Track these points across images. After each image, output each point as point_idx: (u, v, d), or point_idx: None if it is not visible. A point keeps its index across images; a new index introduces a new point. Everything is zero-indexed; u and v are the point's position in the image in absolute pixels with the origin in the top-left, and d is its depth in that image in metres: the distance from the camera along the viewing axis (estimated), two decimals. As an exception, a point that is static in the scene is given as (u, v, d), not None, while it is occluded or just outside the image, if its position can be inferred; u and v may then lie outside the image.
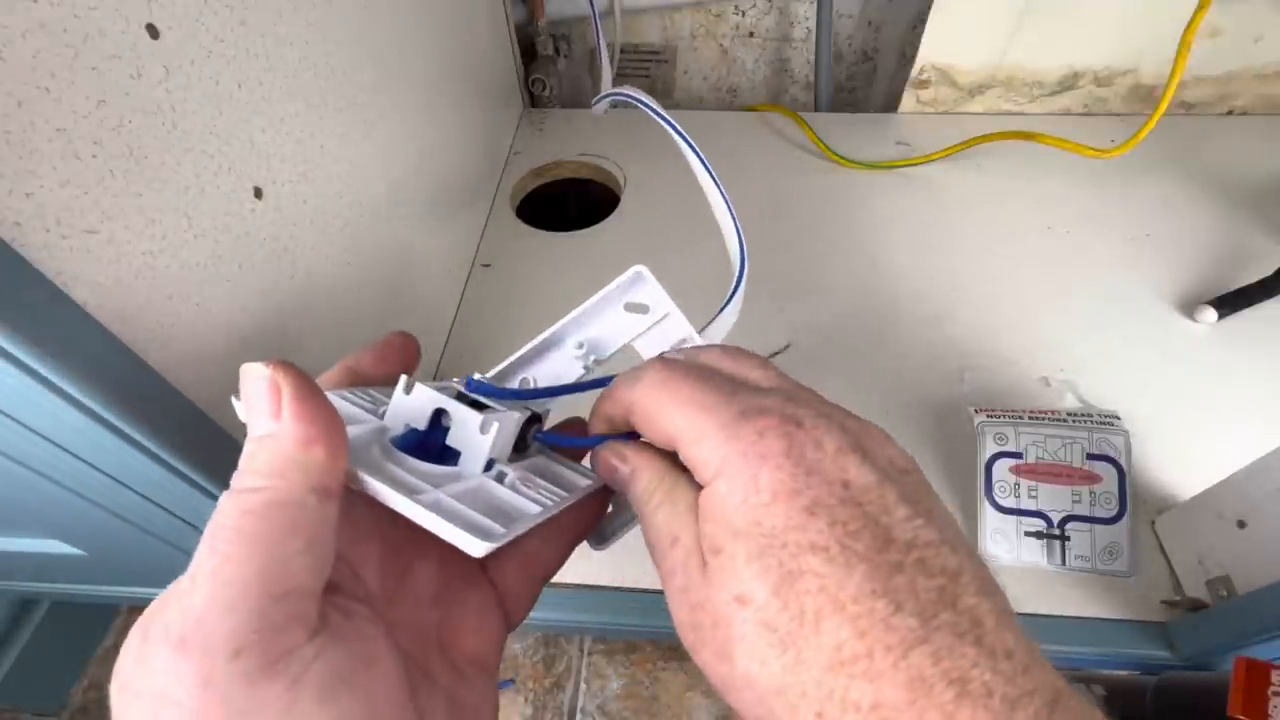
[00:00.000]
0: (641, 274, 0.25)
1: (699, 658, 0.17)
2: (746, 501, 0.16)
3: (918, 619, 0.14)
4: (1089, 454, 0.44)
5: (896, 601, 0.14)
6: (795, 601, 0.15)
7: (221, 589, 0.14)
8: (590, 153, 0.74)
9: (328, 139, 0.37)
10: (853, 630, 0.14)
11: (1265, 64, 0.68)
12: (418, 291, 0.53)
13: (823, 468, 0.16)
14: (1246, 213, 0.63)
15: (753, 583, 0.15)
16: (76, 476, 0.28)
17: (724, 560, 0.16)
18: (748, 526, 0.16)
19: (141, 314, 0.25)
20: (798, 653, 0.15)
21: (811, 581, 0.15)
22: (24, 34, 0.20)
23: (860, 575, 0.15)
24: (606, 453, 0.21)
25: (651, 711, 0.64)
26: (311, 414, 0.15)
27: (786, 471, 0.16)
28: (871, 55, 0.80)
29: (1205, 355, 0.53)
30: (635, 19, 0.79)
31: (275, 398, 0.15)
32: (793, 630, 0.15)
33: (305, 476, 0.15)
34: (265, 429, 0.15)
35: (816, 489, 0.16)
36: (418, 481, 0.18)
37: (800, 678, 0.15)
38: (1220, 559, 0.40)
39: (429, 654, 0.19)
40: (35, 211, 0.21)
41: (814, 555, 0.15)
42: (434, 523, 0.16)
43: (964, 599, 0.15)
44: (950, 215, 0.65)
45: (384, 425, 0.20)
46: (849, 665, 0.14)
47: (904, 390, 0.52)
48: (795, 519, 0.15)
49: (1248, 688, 0.33)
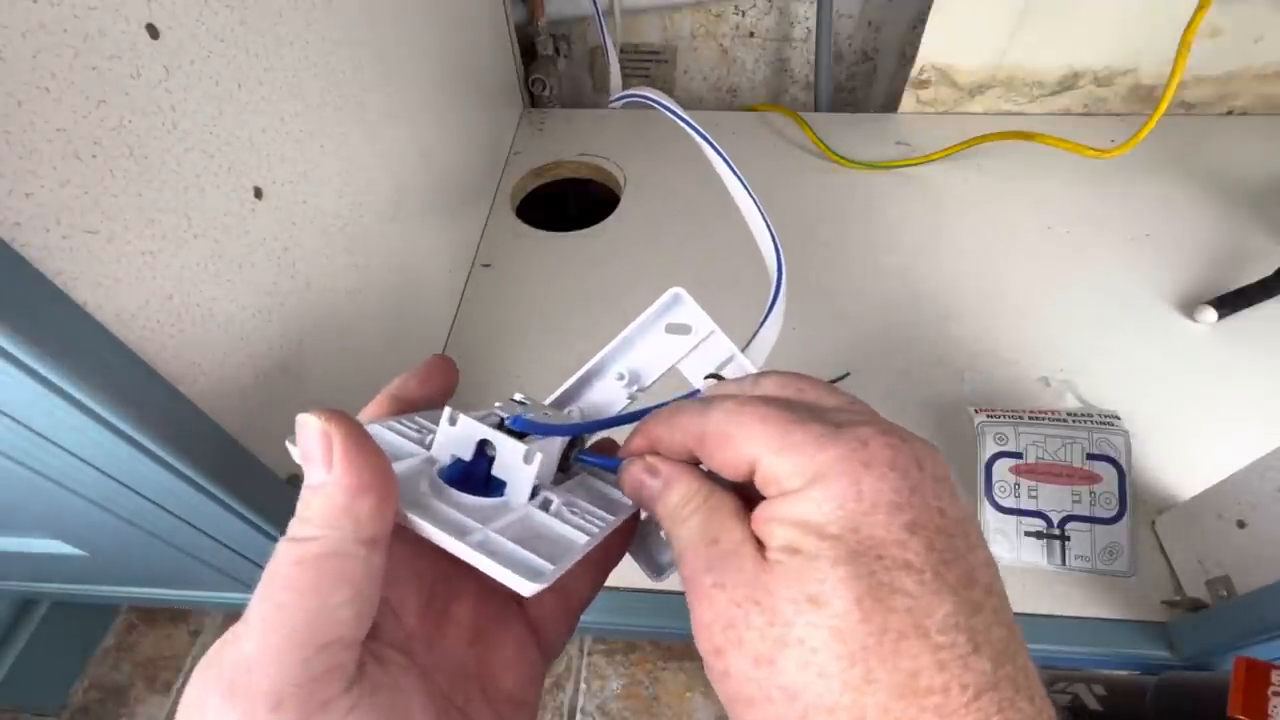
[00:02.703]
0: (680, 295, 0.24)
1: (724, 661, 0.16)
2: (844, 507, 0.15)
3: (991, 664, 0.14)
4: (1089, 454, 0.44)
5: (976, 642, 0.14)
6: (879, 617, 0.14)
7: (271, 636, 0.14)
8: (590, 153, 0.73)
9: (328, 139, 0.37)
10: (933, 660, 0.14)
11: (1265, 64, 0.68)
12: (417, 291, 0.53)
13: (924, 489, 0.15)
14: (1246, 213, 0.63)
15: (837, 586, 0.14)
16: (76, 477, 0.28)
17: (802, 560, 0.15)
18: (842, 532, 0.15)
19: (141, 314, 0.25)
20: (867, 671, 0.14)
21: (901, 600, 0.14)
22: (24, 34, 0.20)
23: (950, 606, 0.14)
24: (636, 468, 0.20)
25: (651, 711, 0.64)
26: (361, 463, 0.16)
27: (891, 483, 0.15)
28: (871, 55, 0.80)
29: (1205, 355, 0.53)
30: (635, 19, 0.79)
31: (327, 448, 0.16)
32: (869, 646, 0.14)
33: (355, 527, 0.16)
34: (318, 478, 0.16)
35: (918, 509, 0.15)
36: (465, 519, 0.18)
37: (863, 699, 0.14)
38: (1220, 559, 0.40)
39: (469, 696, 0.19)
40: (35, 211, 0.21)
41: (909, 575, 0.14)
42: (484, 563, 0.16)
43: (1020, 656, 0.15)
44: (950, 215, 0.65)
45: (431, 457, 0.20)
46: (923, 696, 0.14)
47: (904, 390, 0.52)
48: (896, 533, 0.15)
49: (1248, 688, 0.33)
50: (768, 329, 0.29)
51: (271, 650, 0.14)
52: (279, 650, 0.14)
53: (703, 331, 0.25)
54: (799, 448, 0.16)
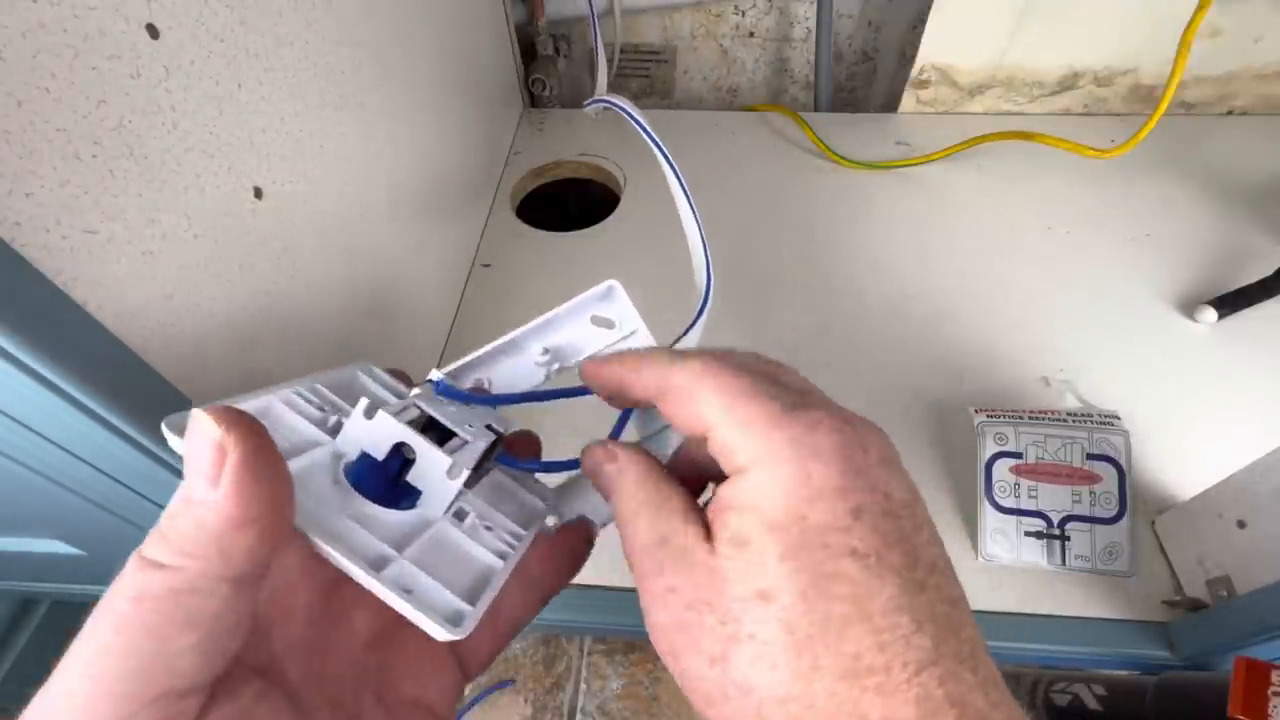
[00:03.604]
0: (614, 288, 0.24)
1: (680, 663, 0.16)
2: (791, 493, 0.15)
3: (932, 640, 0.14)
4: (1089, 454, 0.44)
5: (918, 620, 0.14)
6: (823, 605, 0.14)
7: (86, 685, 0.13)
8: (590, 153, 0.73)
9: (328, 139, 0.37)
10: (875, 642, 0.14)
11: (1265, 64, 0.68)
12: (417, 291, 0.53)
13: (869, 473, 0.16)
14: (1246, 213, 0.63)
15: (782, 581, 0.15)
16: (76, 476, 0.28)
17: (751, 554, 0.15)
18: (788, 520, 0.15)
19: (141, 314, 0.25)
20: (814, 659, 0.14)
21: (845, 587, 0.14)
22: (24, 34, 0.20)
23: (892, 589, 0.15)
24: (599, 449, 0.20)
25: (651, 711, 0.64)
26: (254, 492, 0.14)
27: (837, 468, 0.15)
28: (871, 55, 0.80)
29: (1205, 355, 0.53)
30: (635, 19, 0.79)
31: (218, 462, 0.13)
32: (814, 635, 0.14)
33: (224, 563, 0.13)
34: (197, 493, 0.14)
35: (863, 493, 0.15)
36: (377, 543, 0.17)
37: (811, 686, 0.14)
38: (1220, 559, 0.40)
39: (361, 697, 0.18)
40: (35, 211, 0.21)
41: (853, 561, 0.15)
42: (400, 605, 0.16)
43: (965, 628, 0.15)
44: (950, 215, 0.65)
45: (337, 449, 0.19)
46: (864, 677, 0.14)
47: (904, 390, 0.52)
48: (841, 519, 0.15)
49: (1248, 688, 0.33)
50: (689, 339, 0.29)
51: (83, 704, 0.12)
52: (92, 703, 0.12)
53: (627, 328, 0.25)
54: (753, 423, 0.16)
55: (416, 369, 0.25)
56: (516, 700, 0.66)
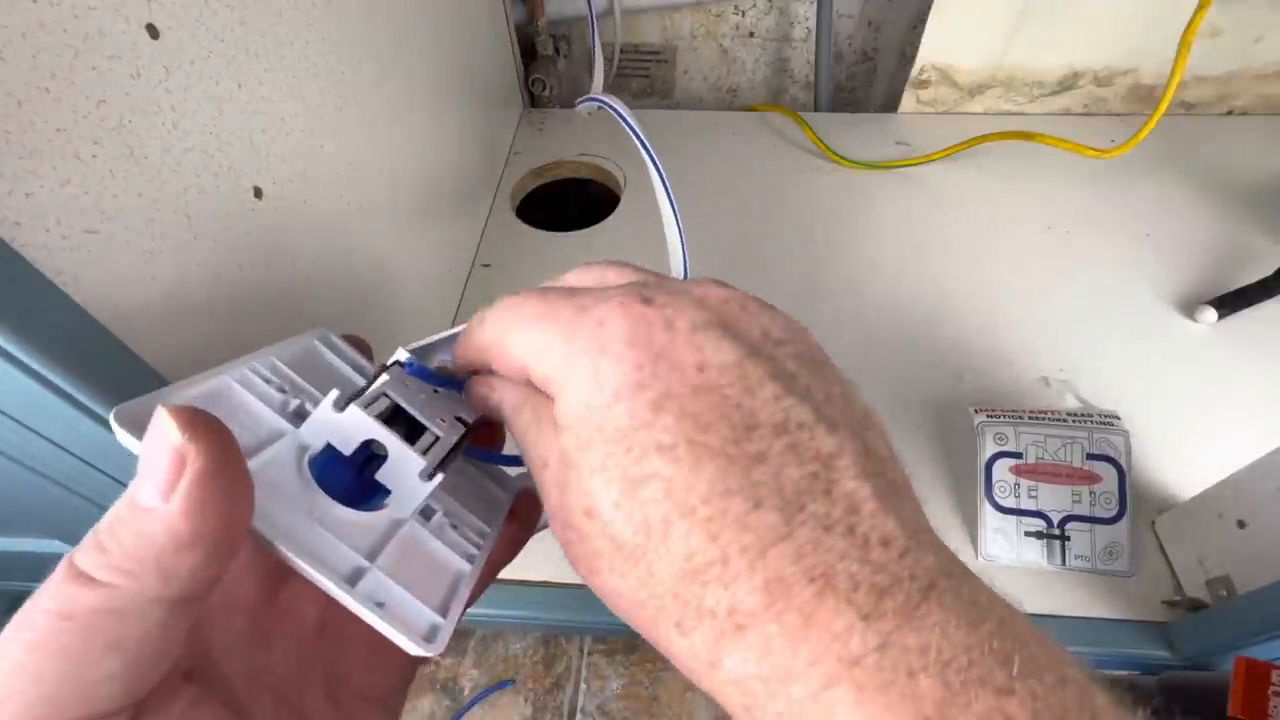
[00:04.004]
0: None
1: (578, 572, 0.15)
2: (589, 405, 0.14)
3: (779, 514, 0.13)
4: (1089, 454, 0.44)
5: (755, 498, 0.13)
6: (639, 512, 0.13)
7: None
8: (590, 153, 0.73)
9: (328, 139, 0.37)
10: (704, 535, 0.13)
11: (1265, 64, 0.68)
12: (417, 291, 0.53)
13: (673, 352, 0.14)
14: (1246, 213, 0.63)
15: (599, 496, 0.14)
16: (77, 477, 0.28)
17: (574, 474, 0.14)
18: (591, 434, 0.14)
19: (141, 314, 0.25)
20: (649, 567, 0.13)
21: (656, 488, 0.13)
22: (24, 34, 0.20)
23: (711, 473, 0.13)
24: (478, 383, 0.19)
25: (651, 711, 0.64)
26: (211, 508, 0.12)
27: (629, 362, 0.14)
28: (871, 55, 0.80)
29: (1205, 355, 0.53)
30: (635, 19, 0.79)
31: (174, 472, 0.12)
32: (640, 544, 0.13)
33: (163, 584, 0.12)
34: (146, 500, 0.12)
35: (664, 378, 0.14)
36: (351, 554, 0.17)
37: (655, 590, 0.13)
38: (1220, 559, 0.40)
39: (306, 691, 0.17)
40: (35, 211, 0.21)
41: (660, 457, 0.13)
42: (374, 620, 0.15)
43: (840, 485, 0.13)
44: (950, 215, 0.65)
45: (301, 441, 0.18)
46: (702, 573, 0.13)
47: (904, 390, 0.52)
48: (640, 417, 0.13)
49: (1248, 688, 0.33)
50: None
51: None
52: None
53: None
54: (550, 347, 0.15)
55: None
56: (516, 700, 0.65)
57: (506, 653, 0.67)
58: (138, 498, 0.12)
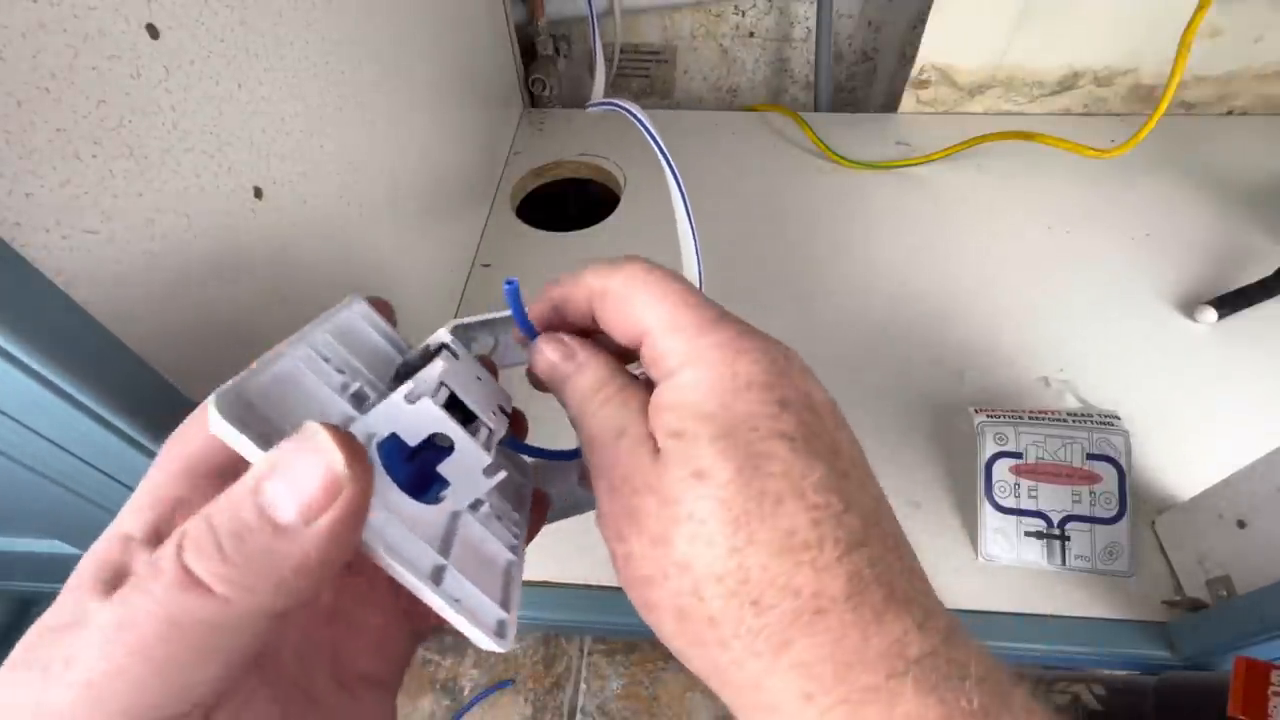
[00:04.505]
0: None
1: (626, 545, 0.16)
2: (718, 386, 0.16)
3: (861, 522, 0.15)
4: (1089, 454, 0.44)
5: (847, 502, 0.15)
6: (758, 482, 0.15)
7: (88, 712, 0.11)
8: (590, 153, 0.73)
9: (328, 139, 0.37)
10: (809, 519, 0.15)
11: (1265, 64, 0.68)
12: (418, 291, 0.53)
13: (792, 375, 0.17)
14: (1246, 213, 0.63)
15: (716, 459, 0.15)
16: (76, 477, 0.28)
17: (685, 442, 0.16)
18: (717, 409, 0.16)
19: (141, 314, 0.25)
20: (750, 534, 0.15)
21: (776, 465, 0.15)
22: (24, 34, 0.20)
23: (821, 469, 0.15)
24: (551, 344, 0.20)
25: (651, 711, 0.64)
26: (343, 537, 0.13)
27: (763, 366, 0.16)
28: (871, 55, 0.80)
29: (1205, 355, 0.53)
30: (635, 19, 0.79)
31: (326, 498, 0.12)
32: (749, 510, 0.15)
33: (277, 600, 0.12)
34: (285, 520, 0.12)
35: (787, 389, 0.16)
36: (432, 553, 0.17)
37: (745, 561, 0.15)
38: (1220, 559, 0.40)
39: (314, 674, 0.17)
40: (35, 211, 0.21)
41: (782, 442, 0.15)
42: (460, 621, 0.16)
43: (886, 521, 0.16)
44: (950, 215, 0.65)
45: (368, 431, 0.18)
46: (798, 552, 0.14)
47: (904, 390, 0.52)
48: (769, 407, 0.16)
49: (1248, 688, 0.33)
50: None
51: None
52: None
53: None
54: (684, 329, 0.17)
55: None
56: (516, 700, 0.65)
57: (507, 652, 0.67)
58: (275, 514, 0.12)
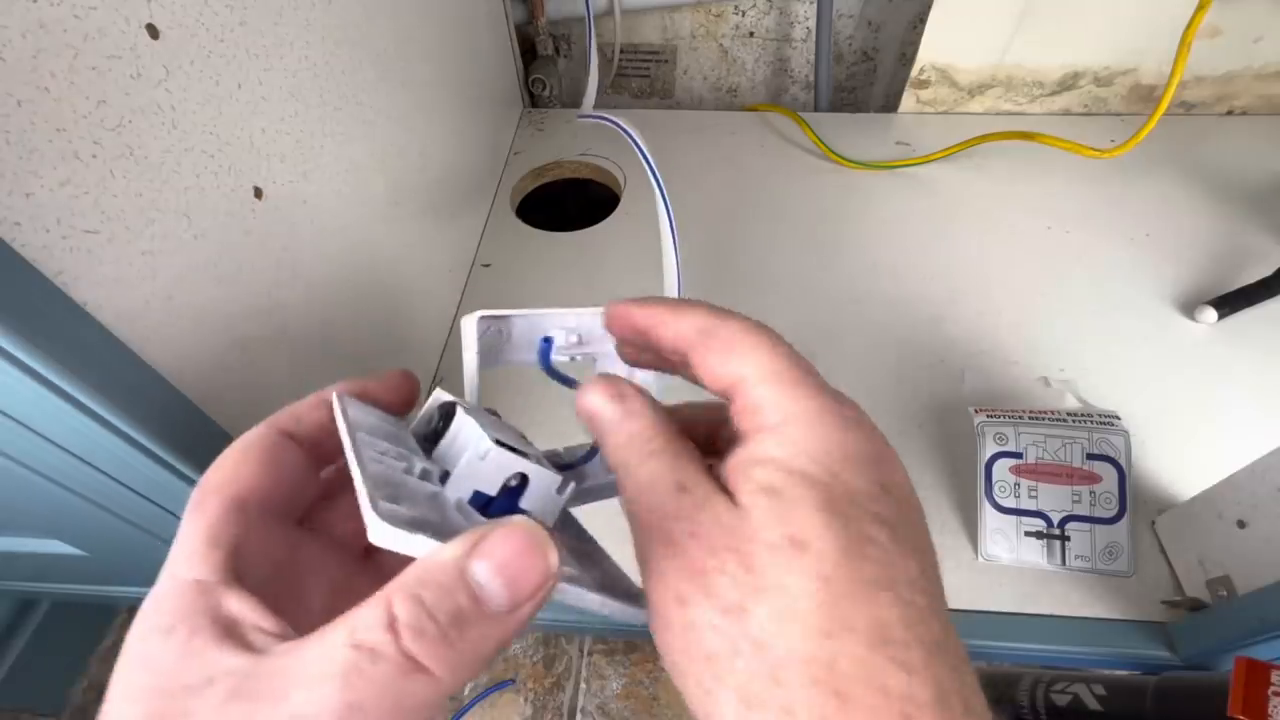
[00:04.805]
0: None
1: (685, 612, 0.15)
2: (827, 453, 0.15)
3: (941, 627, 0.14)
4: (1089, 454, 0.44)
5: (934, 604, 0.14)
6: (859, 566, 0.14)
7: None
8: (590, 153, 0.73)
9: (328, 139, 0.37)
10: (902, 615, 0.14)
11: (1265, 64, 0.68)
12: (417, 291, 0.53)
13: (889, 456, 0.16)
14: (1246, 213, 0.63)
15: (821, 531, 0.14)
16: (76, 476, 0.28)
17: (783, 503, 0.14)
18: (823, 475, 0.15)
19: (141, 314, 0.25)
20: (846, 620, 0.13)
21: (876, 551, 0.14)
22: (24, 34, 0.20)
23: (916, 566, 0.15)
24: (605, 386, 0.19)
25: (651, 711, 0.64)
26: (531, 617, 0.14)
27: (870, 445, 0.16)
28: (871, 55, 0.80)
29: (1205, 355, 0.53)
30: (635, 19, 0.79)
31: (540, 591, 0.14)
32: (851, 594, 0.14)
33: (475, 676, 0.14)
34: (498, 606, 0.13)
35: (887, 471, 0.16)
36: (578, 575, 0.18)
37: (837, 649, 0.13)
38: (1220, 559, 0.40)
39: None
40: (35, 211, 0.21)
41: (884, 528, 0.14)
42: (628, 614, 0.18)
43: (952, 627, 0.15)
44: (950, 215, 0.65)
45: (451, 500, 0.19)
46: (888, 647, 0.13)
47: (904, 390, 0.52)
48: (873, 488, 0.15)
49: (1248, 688, 0.33)
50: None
51: None
52: None
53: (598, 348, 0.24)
54: (789, 385, 0.16)
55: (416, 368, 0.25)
56: (516, 700, 0.66)
57: (506, 652, 0.67)
58: (489, 603, 0.13)
